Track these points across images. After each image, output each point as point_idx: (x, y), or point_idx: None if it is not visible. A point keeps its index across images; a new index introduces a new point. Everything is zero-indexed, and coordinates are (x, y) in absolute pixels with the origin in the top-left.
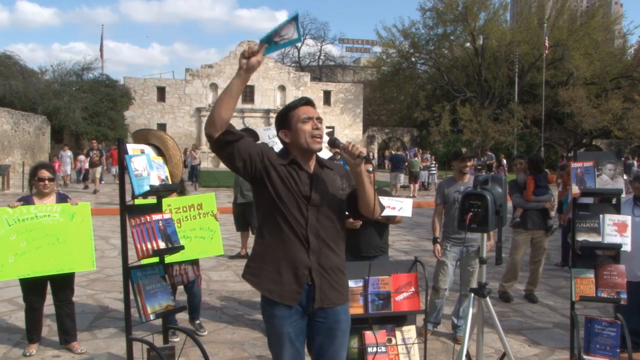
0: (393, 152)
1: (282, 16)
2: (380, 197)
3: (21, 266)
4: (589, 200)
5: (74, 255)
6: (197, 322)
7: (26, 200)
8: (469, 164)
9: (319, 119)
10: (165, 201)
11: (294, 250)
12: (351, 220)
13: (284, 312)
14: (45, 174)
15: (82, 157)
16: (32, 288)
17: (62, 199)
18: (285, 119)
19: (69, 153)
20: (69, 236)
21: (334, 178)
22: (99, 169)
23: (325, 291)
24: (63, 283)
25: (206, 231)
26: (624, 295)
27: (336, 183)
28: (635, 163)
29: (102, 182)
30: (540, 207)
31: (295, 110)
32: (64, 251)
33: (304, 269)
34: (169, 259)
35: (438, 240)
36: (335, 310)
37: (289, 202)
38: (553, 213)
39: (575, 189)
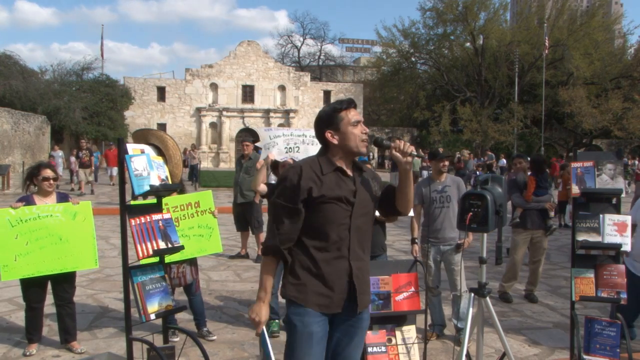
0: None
1: (281, 16)
2: None
3: (25, 266)
4: None
5: (77, 254)
6: (205, 329)
7: (27, 200)
8: (446, 163)
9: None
10: (162, 200)
11: (338, 260)
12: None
13: (315, 311)
14: (50, 173)
15: (72, 159)
16: (32, 287)
17: (62, 198)
18: (333, 120)
19: (60, 153)
20: (71, 235)
21: (369, 182)
22: (88, 170)
23: (362, 295)
24: (65, 283)
25: (204, 229)
26: (624, 295)
27: (372, 187)
28: (637, 163)
29: (88, 182)
30: (540, 207)
31: (344, 112)
32: (67, 250)
33: (346, 276)
34: (167, 259)
35: (416, 241)
36: None
37: (335, 212)
38: (552, 213)
39: (575, 189)
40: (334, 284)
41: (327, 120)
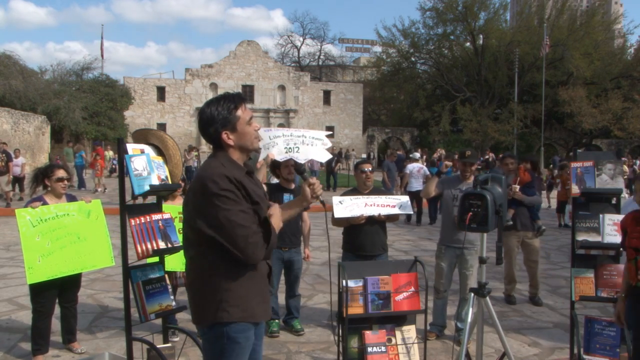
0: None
1: (277, 15)
2: (379, 196)
3: (49, 267)
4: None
5: (95, 252)
6: None
7: (41, 201)
8: (473, 168)
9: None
10: (165, 207)
11: (263, 264)
12: (359, 215)
13: (252, 332)
14: (64, 173)
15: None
16: (46, 291)
17: (71, 199)
18: (229, 119)
19: (20, 160)
20: (88, 234)
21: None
22: (4, 178)
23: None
24: (74, 283)
25: None
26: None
27: None
28: (638, 162)
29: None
30: (530, 205)
31: (239, 110)
32: (85, 249)
33: (266, 279)
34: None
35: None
36: None
37: (260, 217)
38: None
39: (575, 189)
40: (263, 290)
41: (223, 121)
